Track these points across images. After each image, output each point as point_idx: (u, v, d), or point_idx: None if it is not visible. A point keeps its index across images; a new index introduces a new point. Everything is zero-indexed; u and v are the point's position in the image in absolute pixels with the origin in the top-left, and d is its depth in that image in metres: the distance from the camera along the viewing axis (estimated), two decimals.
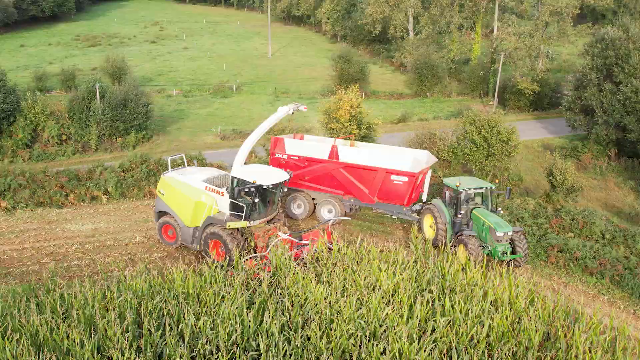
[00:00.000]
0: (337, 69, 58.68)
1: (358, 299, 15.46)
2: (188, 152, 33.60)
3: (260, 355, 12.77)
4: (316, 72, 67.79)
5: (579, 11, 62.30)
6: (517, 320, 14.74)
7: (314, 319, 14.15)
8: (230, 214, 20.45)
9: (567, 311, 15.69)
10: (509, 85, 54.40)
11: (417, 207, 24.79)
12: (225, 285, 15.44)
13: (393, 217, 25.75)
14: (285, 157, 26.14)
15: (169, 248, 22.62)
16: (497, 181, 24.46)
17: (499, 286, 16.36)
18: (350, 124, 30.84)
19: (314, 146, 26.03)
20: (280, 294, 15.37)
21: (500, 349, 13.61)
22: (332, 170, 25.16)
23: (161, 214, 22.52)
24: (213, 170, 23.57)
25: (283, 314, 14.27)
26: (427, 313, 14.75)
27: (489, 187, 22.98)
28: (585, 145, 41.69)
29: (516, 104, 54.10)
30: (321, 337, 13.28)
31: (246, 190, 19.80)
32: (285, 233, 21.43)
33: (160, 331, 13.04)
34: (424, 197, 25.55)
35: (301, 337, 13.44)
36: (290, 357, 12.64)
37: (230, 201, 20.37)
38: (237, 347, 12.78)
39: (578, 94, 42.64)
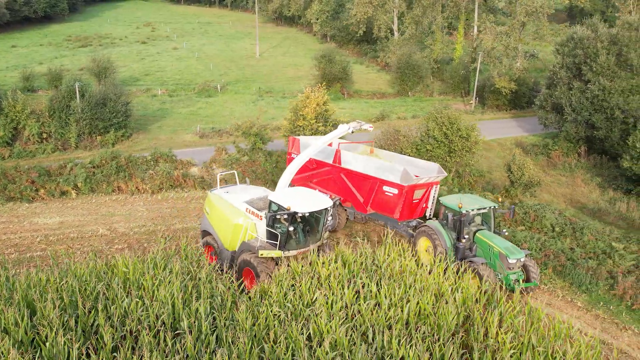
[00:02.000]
0: (320, 68, 59.51)
1: (292, 285, 16.34)
2: (160, 149, 34.59)
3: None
4: (302, 71, 68.64)
5: (567, 11, 63.52)
6: (439, 304, 15.55)
7: (243, 301, 15.05)
8: (267, 242, 18.60)
9: (490, 297, 16.51)
10: (488, 85, 55.26)
11: (414, 223, 23.69)
12: (165, 270, 16.27)
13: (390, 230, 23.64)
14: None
15: (131, 240, 23.49)
16: (499, 199, 23.09)
17: (430, 274, 17.17)
18: (316, 121, 31.68)
19: (322, 148, 24.85)
20: (216, 279, 16.26)
21: (418, 329, 14.44)
22: (334, 175, 24.92)
23: (205, 233, 21.19)
24: (261, 189, 21.64)
25: (213, 297, 15.13)
26: (354, 297, 15.58)
27: (492, 207, 21.24)
28: (555, 142, 42.54)
29: (495, 102, 54.94)
30: (247, 318, 14.09)
31: (278, 216, 18.12)
32: None
33: (93, 311, 13.90)
34: (428, 213, 24.44)
35: (228, 319, 14.30)
36: (213, 335, 13.47)
37: (266, 228, 18.58)
38: (164, 325, 13.62)
39: (549, 93, 43.47)
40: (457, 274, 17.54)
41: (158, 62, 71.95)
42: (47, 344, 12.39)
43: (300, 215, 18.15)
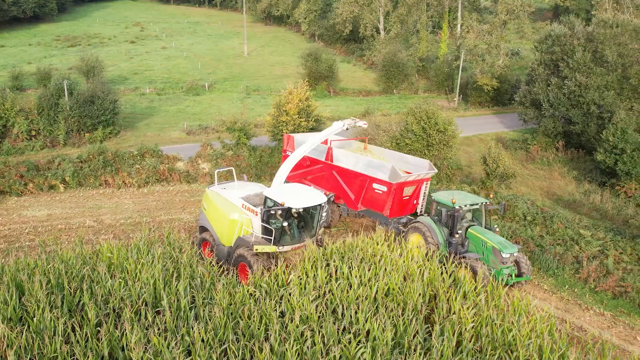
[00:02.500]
0: (307, 67, 60.42)
1: (269, 268, 17.27)
2: (147, 144, 35.37)
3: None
4: (289, 70, 69.48)
5: (553, 10, 64.79)
6: (407, 283, 16.50)
7: (220, 281, 15.95)
8: (262, 237, 18.83)
9: (456, 278, 17.47)
10: (471, 82, 56.39)
11: (404, 220, 23.71)
12: (147, 255, 17.13)
13: (381, 227, 24.35)
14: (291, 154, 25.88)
15: (117, 231, 24.29)
16: (491, 195, 23.56)
17: (400, 257, 18.11)
18: (299, 117, 32.58)
19: (316, 146, 25.02)
20: (197, 263, 17.15)
21: (386, 306, 15.39)
22: (327, 172, 25.16)
23: (202, 229, 21.44)
24: (257, 186, 21.90)
25: (193, 278, 16.02)
26: (327, 278, 16.49)
27: (483, 203, 21.58)
28: (534, 137, 43.67)
29: (477, 99, 56.10)
30: (224, 297, 14.97)
31: (272, 212, 18.41)
32: None
33: (78, 291, 14.76)
34: (419, 210, 24.60)
35: (206, 298, 15.20)
36: (191, 312, 14.35)
37: (261, 223, 18.82)
38: (145, 304, 14.49)
39: (528, 89, 44.60)
40: (451, 266, 17.75)
41: (147, 62, 72.62)
42: (35, 319, 13.23)
43: (294, 210, 18.38)
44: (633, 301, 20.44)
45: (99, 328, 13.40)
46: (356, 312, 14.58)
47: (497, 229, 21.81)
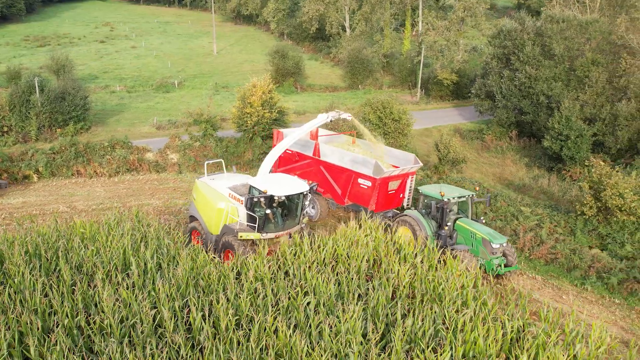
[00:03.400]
0: (274, 63, 62.07)
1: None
2: (117, 137, 36.74)
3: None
4: (257, 67, 70.96)
5: (516, 8, 67.61)
6: (352, 248, 18.39)
7: (184, 250, 17.69)
8: (247, 225, 19.43)
9: (399, 245, 19.42)
10: (432, 77, 58.70)
11: (390, 214, 24.07)
12: (117, 229, 18.75)
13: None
14: None
15: (89, 215, 25.70)
16: (477, 188, 24.06)
17: (352, 229, 19.98)
18: (262, 108, 34.32)
19: (304, 141, 25.90)
20: (164, 235, 18.83)
21: (333, 268, 17.27)
22: (314, 168, 25.48)
23: (192, 218, 22.09)
24: (245, 177, 22.26)
25: (160, 248, 17.70)
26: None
27: (470, 195, 22.05)
28: (489, 127, 46.07)
29: (438, 93, 58.42)
30: (187, 263, 16.67)
31: (255, 199, 18.99)
32: None
33: (54, 258, 16.35)
34: (405, 203, 25.03)
35: (171, 263, 16.90)
36: (157, 273, 16.05)
37: (246, 211, 19.41)
38: (116, 268, 16.14)
39: (483, 82, 46.97)
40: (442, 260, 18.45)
41: (116, 60, 73.51)
42: (16, 280, 14.80)
43: (277, 198, 18.82)
44: (562, 266, 22.70)
45: (74, 287, 15.01)
46: (305, 272, 16.43)
47: (484, 221, 22.37)
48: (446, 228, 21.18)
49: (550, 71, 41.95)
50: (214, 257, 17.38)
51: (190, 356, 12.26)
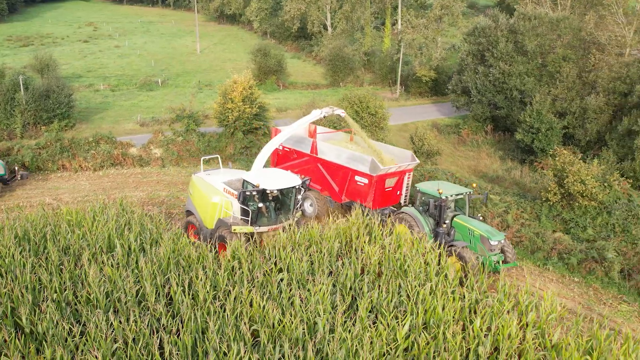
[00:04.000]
0: (256, 62, 63.05)
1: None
2: (101, 132, 37.54)
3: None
4: (240, 65, 71.56)
5: (498, 7, 69.30)
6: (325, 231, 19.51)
7: (166, 233, 18.71)
8: (241, 218, 19.82)
9: (370, 228, 20.56)
10: (411, 74, 60.02)
11: (387, 211, 24.11)
12: (103, 215, 19.72)
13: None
14: (281, 148, 26.53)
15: (75, 207, 26.59)
16: (474, 185, 24.41)
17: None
18: (243, 104, 35.34)
19: (302, 139, 26.25)
20: (146, 219, 19.85)
21: (307, 248, 18.39)
22: (312, 165, 25.58)
23: (188, 213, 22.51)
24: (241, 172, 22.63)
25: (143, 231, 18.70)
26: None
27: (467, 192, 22.23)
28: (465, 122, 47.45)
29: (417, 90, 59.73)
30: (169, 245, 17.69)
31: (248, 193, 19.37)
32: None
33: (42, 241, 17.30)
34: (403, 201, 25.15)
35: (154, 244, 17.92)
36: (141, 254, 17.06)
37: (240, 205, 19.80)
38: (101, 249, 17.13)
39: (459, 78, 48.34)
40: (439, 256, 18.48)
41: (100, 60, 74.04)
42: (7, 260, 15.74)
43: (269, 192, 19.25)
44: (526, 249, 24.01)
45: (61, 267, 15.98)
46: (279, 251, 17.53)
47: (481, 218, 22.64)
48: (444, 225, 21.21)
49: (523, 67, 43.37)
50: (195, 241, 18.39)
51: (170, 324, 13.29)
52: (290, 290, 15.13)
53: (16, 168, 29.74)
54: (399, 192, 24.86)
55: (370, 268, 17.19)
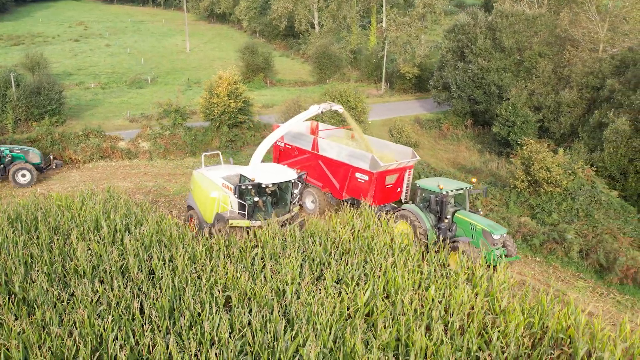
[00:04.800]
0: (244, 59, 64.30)
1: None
2: (90, 127, 38.68)
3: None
4: (229, 64, 72.95)
5: (483, 6, 71.05)
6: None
7: (150, 215, 19.97)
8: (238, 212, 20.16)
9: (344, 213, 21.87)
10: (395, 71, 61.44)
11: (388, 208, 24.20)
12: (90, 200, 20.95)
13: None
14: (282, 144, 27.07)
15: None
16: (473, 181, 24.77)
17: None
18: (228, 98, 36.61)
19: (303, 136, 26.59)
20: (131, 203, 21.11)
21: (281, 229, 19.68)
22: (313, 162, 25.80)
23: (189, 207, 22.97)
24: (241, 168, 22.61)
25: (128, 213, 19.96)
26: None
27: (467, 187, 22.38)
28: (446, 117, 48.88)
29: (402, 86, 61.14)
30: (152, 226, 18.95)
31: (243, 187, 19.64)
32: None
33: (34, 222, 18.53)
34: (403, 197, 25.30)
35: (138, 225, 19.18)
36: (125, 231, 18.32)
37: (237, 199, 20.10)
38: (89, 229, 18.39)
39: (440, 74, 49.77)
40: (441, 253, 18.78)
41: (91, 58, 75.06)
42: (0, 237, 16.97)
43: (264, 186, 19.65)
44: None
45: (52, 244, 17.22)
46: (255, 231, 18.81)
47: (482, 212, 22.84)
48: (446, 221, 21.31)
49: (501, 63, 44.77)
50: (177, 221, 19.67)
51: (151, 290, 14.56)
52: (263, 263, 16.42)
53: (51, 157, 31.73)
54: (399, 189, 25.02)
55: (339, 243, 18.50)
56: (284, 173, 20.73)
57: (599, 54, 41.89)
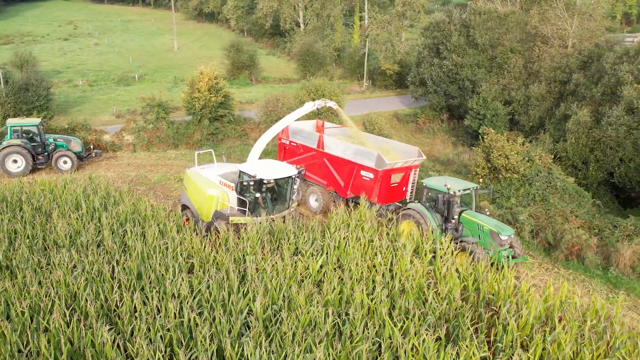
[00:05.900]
0: (230, 57, 65.82)
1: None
2: (76, 120, 40.15)
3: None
4: (215, 61, 74.41)
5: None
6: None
7: (127, 196, 21.53)
8: (238, 209, 20.13)
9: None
10: (377, 68, 63.15)
11: (392, 207, 24.12)
12: (72, 184, 22.49)
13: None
14: (287, 142, 27.19)
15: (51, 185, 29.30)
16: (480, 180, 24.88)
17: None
18: (209, 93, 38.16)
19: (308, 133, 26.67)
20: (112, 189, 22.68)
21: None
22: (318, 160, 25.84)
23: (184, 207, 22.79)
24: (235, 166, 22.76)
25: (107, 196, 21.51)
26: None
27: (474, 188, 22.24)
28: (423, 111, 50.61)
29: (383, 83, 62.87)
30: (129, 207, 20.49)
31: (245, 184, 19.78)
32: None
33: (18, 202, 20.05)
34: (408, 197, 25.20)
35: (115, 205, 20.74)
36: (104, 213, 19.88)
37: (237, 196, 20.16)
38: (69, 209, 19.93)
39: (417, 70, 51.49)
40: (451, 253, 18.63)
41: (79, 57, 76.37)
42: None
43: (265, 182, 19.75)
44: None
45: (34, 222, 18.75)
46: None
47: (488, 213, 22.74)
48: (453, 221, 21.16)
49: (474, 59, 46.50)
50: (152, 202, 21.24)
51: (122, 258, 16.14)
52: (227, 236, 18.03)
53: (91, 147, 34.80)
54: (404, 188, 24.88)
55: (301, 222, 20.12)
56: (283, 169, 20.92)
57: (568, 50, 43.68)
